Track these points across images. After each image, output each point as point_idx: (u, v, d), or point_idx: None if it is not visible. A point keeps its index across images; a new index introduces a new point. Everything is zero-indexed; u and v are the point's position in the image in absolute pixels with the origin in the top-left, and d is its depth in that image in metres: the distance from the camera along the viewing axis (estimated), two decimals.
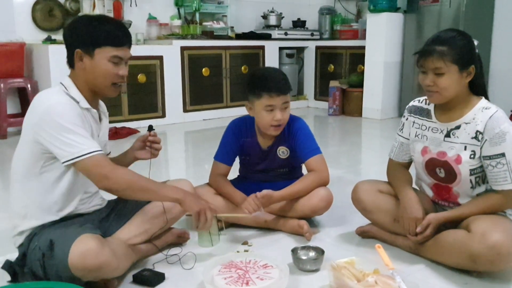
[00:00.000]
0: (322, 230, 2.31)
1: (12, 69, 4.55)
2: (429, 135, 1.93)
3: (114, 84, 1.75)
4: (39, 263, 1.58)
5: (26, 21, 4.91)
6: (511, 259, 1.72)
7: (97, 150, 1.62)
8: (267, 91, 2.15)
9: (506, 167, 1.74)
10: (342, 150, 4.37)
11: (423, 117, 1.98)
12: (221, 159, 2.35)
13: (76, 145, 1.58)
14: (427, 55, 1.79)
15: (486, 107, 1.82)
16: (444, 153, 1.88)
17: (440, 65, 1.76)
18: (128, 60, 1.78)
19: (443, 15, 5.26)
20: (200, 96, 5.65)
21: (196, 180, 2.45)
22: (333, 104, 6.03)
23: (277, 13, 6.49)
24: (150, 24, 5.61)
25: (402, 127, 2.07)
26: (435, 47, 1.78)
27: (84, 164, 1.60)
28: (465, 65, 1.78)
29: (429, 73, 1.80)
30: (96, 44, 1.68)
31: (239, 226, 2.31)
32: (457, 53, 1.76)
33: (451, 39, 1.79)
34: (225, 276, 1.71)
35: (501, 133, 1.74)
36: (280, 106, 2.17)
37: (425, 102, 2.00)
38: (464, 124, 1.83)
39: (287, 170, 2.40)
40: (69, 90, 1.71)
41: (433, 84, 1.79)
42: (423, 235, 1.87)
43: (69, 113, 1.61)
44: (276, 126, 2.20)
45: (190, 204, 1.77)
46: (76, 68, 1.73)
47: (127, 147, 2.04)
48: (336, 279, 1.69)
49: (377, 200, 2.08)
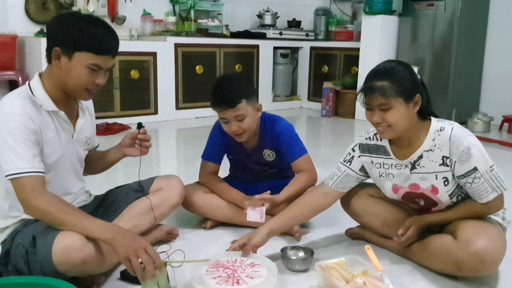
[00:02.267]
0: (312, 231, 2.31)
1: (3, 61, 4.50)
2: (395, 172, 1.88)
3: (88, 90, 1.65)
4: (23, 260, 1.56)
5: (19, 13, 4.86)
6: (495, 267, 1.73)
7: (24, 171, 1.51)
8: (214, 105, 2.13)
9: (482, 179, 1.70)
10: (334, 151, 4.37)
11: (381, 155, 1.90)
12: (209, 158, 2.33)
13: (9, 163, 1.52)
14: (369, 92, 1.71)
15: (440, 128, 1.76)
16: (417, 185, 1.84)
17: (385, 101, 1.69)
18: (109, 68, 1.68)
19: (438, 19, 5.29)
20: (193, 94, 5.63)
21: (187, 177, 2.44)
22: (326, 105, 6.04)
23: (273, 12, 6.49)
24: (144, 20, 5.57)
25: (350, 159, 1.96)
26: (375, 82, 1.70)
27: (13, 184, 1.53)
28: (410, 95, 1.71)
29: (375, 110, 1.73)
30: (76, 47, 1.57)
31: (228, 225, 2.30)
32: (399, 85, 1.69)
33: (390, 71, 1.71)
34: (214, 275, 1.70)
35: (466, 149, 1.69)
36: (233, 118, 2.11)
37: (377, 138, 1.91)
38: (425, 153, 1.78)
39: (277, 171, 2.39)
40: (34, 92, 1.63)
41: (381, 121, 1.73)
42: (407, 235, 1.86)
43: (15, 126, 1.53)
44: (237, 135, 2.16)
45: (119, 248, 1.50)
46: (52, 65, 1.64)
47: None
48: (325, 279, 1.68)
49: (366, 204, 2.07)
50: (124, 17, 5.36)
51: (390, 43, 5.64)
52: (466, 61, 5.31)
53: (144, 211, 1.96)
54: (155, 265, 1.51)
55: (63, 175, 1.74)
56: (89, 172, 2.00)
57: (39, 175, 1.56)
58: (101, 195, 2.04)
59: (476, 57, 5.48)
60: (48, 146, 1.65)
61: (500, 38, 5.37)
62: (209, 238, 2.21)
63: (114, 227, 1.60)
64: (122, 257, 1.50)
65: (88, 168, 1.96)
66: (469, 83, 5.44)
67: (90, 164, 1.96)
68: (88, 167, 1.96)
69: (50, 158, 1.66)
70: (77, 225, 1.53)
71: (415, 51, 5.55)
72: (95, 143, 2.00)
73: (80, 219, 1.55)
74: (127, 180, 2.16)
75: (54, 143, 1.67)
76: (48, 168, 1.65)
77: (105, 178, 2.08)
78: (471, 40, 5.33)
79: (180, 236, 2.18)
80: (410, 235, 1.86)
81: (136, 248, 1.50)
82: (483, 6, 5.40)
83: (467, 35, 5.25)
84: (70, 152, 1.76)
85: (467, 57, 5.33)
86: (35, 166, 1.55)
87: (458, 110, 5.32)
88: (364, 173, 1.98)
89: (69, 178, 1.79)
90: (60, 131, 1.70)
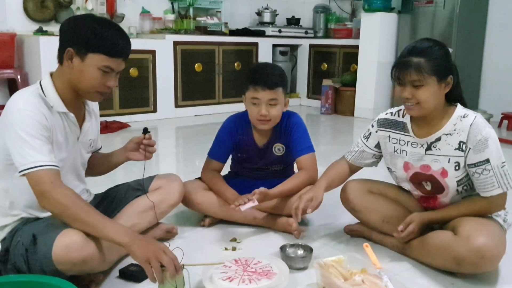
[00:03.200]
0: (311, 228, 2.31)
1: (2, 59, 4.49)
2: (409, 150, 1.90)
3: (99, 92, 1.67)
4: (23, 259, 1.55)
5: (18, 11, 4.85)
6: (494, 263, 1.73)
7: (42, 165, 1.52)
8: (253, 83, 2.14)
9: (492, 172, 1.72)
10: (334, 149, 4.38)
11: (399, 131, 1.92)
12: (215, 157, 2.33)
13: (25, 157, 1.52)
14: (404, 68, 1.73)
15: (464, 115, 1.78)
16: (428, 166, 1.86)
17: (418, 77, 1.71)
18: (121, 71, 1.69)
19: (437, 16, 5.28)
20: (192, 92, 5.63)
21: (186, 175, 2.44)
22: (326, 102, 6.03)
23: (272, 10, 6.48)
24: (143, 18, 5.57)
25: (368, 135, 2.03)
26: (412, 58, 1.72)
27: (29, 178, 1.53)
28: (443, 75, 1.74)
29: (407, 85, 1.75)
30: (90, 48, 1.59)
31: (228, 223, 2.30)
32: (435, 64, 1.72)
33: (428, 49, 1.74)
34: (223, 277, 1.67)
35: (483, 139, 1.72)
36: (266, 101, 2.13)
37: (398, 114, 1.94)
38: (444, 136, 1.80)
39: (281, 168, 2.40)
40: (46, 92, 1.64)
41: (411, 97, 1.75)
42: (407, 231, 1.87)
43: (29, 122, 1.54)
44: (263, 120, 2.18)
45: (137, 251, 1.49)
46: (63, 66, 1.65)
47: (118, 141, 2.03)
48: (324, 277, 1.68)
49: (366, 200, 2.08)
50: (123, 15, 5.35)
51: (389, 40, 5.63)
52: (465, 58, 5.31)
53: (143, 209, 1.96)
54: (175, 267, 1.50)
55: (64, 176, 1.73)
56: (91, 174, 2.01)
57: (57, 168, 1.56)
58: (100, 193, 2.05)
59: (475, 54, 5.47)
60: (57, 147, 1.65)
61: (499, 35, 5.36)
62: (208, 236, 2.21)
63: (131, 231, 1.59)
64: (142, 260, 1.47)
65: (90, 170, 1.97)
66: (468, 80, 5.43)
67: (93, 166, 1.97)
68: (91, 169, 1.97)
69: (56, 159, 1.66)
70: (96, 225, 1.53)
71: None
72: (99, 145, 2.00)
73: (99, 220, 1.54)
74: (127, 179, 2.16)
75: (61, 144, 1.67)
76: None
77: (104, 176, 2.08)
78: (470, 37, 5.32)
79: (179, 234, 2.18)
80: (410, 231, 1.87)
81: (155, 251, 1.48)
82: (483, 3, 5.40)
83: (466, 32, 5.25)
84: (74, 154, 1.77)
85: (467, 54, 5.32)
86: (52, 160, 1.56)
87: None
88: (379, 149, 2.03)
89: (71, 179, 1.79)
90: (68, 133, 1.71)
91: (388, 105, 5.80)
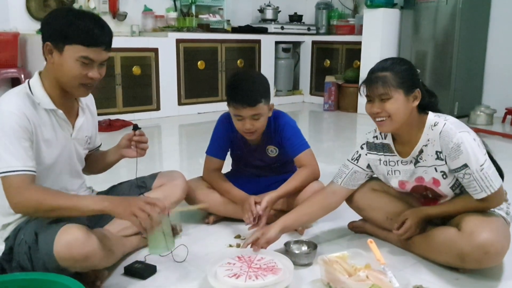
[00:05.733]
0: (314, 225, 2.31)
1: (5, 59, 4.50)
2: (401, 168, 1.91)
3: (83, 85, 1.63)
4: (26, 256, 1.56)
5: (21, 10, 4.86)
6: (498, 259, 1.73)
7: (14, 170, 1.51)
8: (234, 101, 2.09)
9: (472, 177, 1.71)
10: (337, 146, 4.37)
11: (386, 153, 1.94)
12: (214, 154, 2.33)
13: (1, 160, 1.51)
14: (371, 83, 1.78)
15: (434, 123, 1.78)
16: (422, 178, 1.87)
17: (385, 90, 1.74)
18: (105, 62, 1.65)
19: (440, 12, 5.26)
20: (195, 89, 5.63)
21: (190, 173, 2.44)
22: (329, 99, 6.03)
23: (274, 7, 6.47)
24: (145, 16, 5.57)
25: (357, 157, 2.00)
26: (377, 74, 1.77)
27: (2, 181, 1.53)
28: (409, 88, 1.77)
29: (375, 100, 1.78)
30: (66, 40, 1.56)
31: (231, 220, 2.31)
32: (400, 77, 1.75)
33: (392, 65, 1.78)
34: (229, 274, 1.67)
35: (455, 146, 1.71)
36: (249, 116, 2.09)
37: (382, 136, 1.95)
38: (424, 147, 1.82)
39: (279, 165, 2.39)
40: (33, 90, 1.63)
41: (381, 111, 1.76)
42: (404, 227, 1.87)
43: (8, 125, 1.52)
44: (248, 133, 2.15)
45: (119, 209, 1.54)
46: (47, 62, 1.65)
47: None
48: (328, 273, 1.69)
49: (369, 198, 2.07)
50: (125, 13, 5.36)
51: (392, 36, 5.62)
52: (468, 54, 5.29)
53: None
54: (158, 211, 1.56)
55: (60, 173, 1.74)
56: (90, 172, 2.01)
57: (29, 173, 1.55)
58: (104, 191, 2.05)
59: (478, 49, 5.45)
60: (45, 144, 1.64)
61: (502, 30, 5.34)
62: (212, 233, 2.22)
63: (107, 197, 1.64)
64: (127, 215, 1.53)
65: (89, 168, 1.97)
66: (471, 76, 5.42)
67: (91, 164, 1.97)
68: (89, 167, 1.97)
69: (47, 157, 1.66)
70: (72, 205, 1.55)
71: (417, 44, 5.53)
72: (97, 142, 2.00)
73: (73, 200, 1.58)
74: (130, 176, 2.16)
75: (50, 141, 1.66)
76: (46, 166, 1.66)
77: (107, 174, 2.09)
78: (473, 33, 5.30)
79: (184, 231, 2.18)
80: (407, 227, 1.87)
81: (137, 203, 1.55)
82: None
83: (469, 27, 5.23)
84: (69, 151, 1.76)
85: (469, 50, 5.31)
86: (27, 165, 1.54)
87: (460, 103, 5.30)
88: (371, 169, 2.01)
89: (67, 177, 1.79)
90: (57, 130, 1.70)
91: None
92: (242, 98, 2.07)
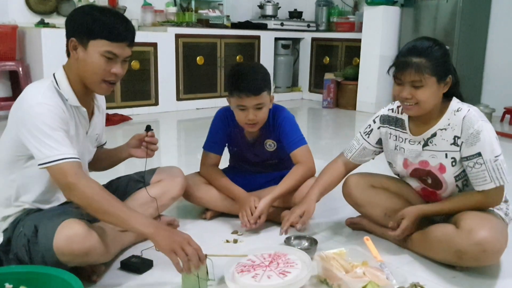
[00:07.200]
0: (312, 221, 2.31)
1: (3, 51, 4.49)
2: (406, 147, 1.90)
3: (105, 82, 1.66)
4: (25, 249, 1.56)
5: (19, 3, 4.85)
6: (496, 257, 1.73)
7: (67, 157, 1.52)
8: (237, 91, 2.08)
9: (484, 166, 1.70)
10: (335, 143, 4.37)
11: (398, 127, 1.93)
12: (211, 149, 2.32)
13: (48, 150, 1.52)
14: (403, 67, 1.71)
15: (458, 109, 1.77)
16: (426, 162, 1.85)
17: (419, 78, 1.69)
18: (127, 58, 1.69)
19: (440, 10, 5.25)
20: (194, 85, 5.62)
21: (188, 168, 2.44)
22: (328, 96, 6.02)
23: (274, 3, 6.46)
24: (145, 10, 5.55)
25: (369, 131, 2.00)
26: (412, 58, 1.70)
27: (52, 170, 1.53)
28: (443, 76, 1.73)
29: (406, 85, 1.73)
30: (91, 35, 1.59)
31: (228, 216, 2.30)
32: (435, 64, 1.70)
33: (428, 49, 1.71)
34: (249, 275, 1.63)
35: (475, 132, 1.70)
36: (252, 106, 2.09)
37: (398, 111, 1.94)
38: (439, 131, 1.80)
39: (276, 161, 2.39)
40: (60, 85, 1.64)
41: (411, 97, 1.73)
42: (401, 228, 1.87)
43: (49, 116, 1.54)
44: (250, 124, 2.14)
45: (162, 242, 1.51)
46: (70, 58, 1.66)
47: (119, 134, 2.03)
48: (325, 270, 1.69)
49: (368, 194, 2.07)
50: (125, 8, 5.34)
51: (392, 34, 5.61)
52: (468, 52, 5.29)
53: (145, 202, 1.96)
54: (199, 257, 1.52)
55: None
56: (95, 169, 2.01)
57: (79, 161, 1.57)
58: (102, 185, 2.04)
59: (478, 48, 5.45)
60: (70, 140, 1.64)
61: (502, 29, 5.34)
62: (210, 229, 2.21)
63: (155, 222, 1.60)
64: (167, 250, 1.50)
65: (94, 165, 1.97)
66: (471, 74, 5.42)
67: (97, 161, 1.97)
68: (95, 164, 1.97)
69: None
70: (121, 216, 1.53)
71: None
72: (103, 140, 2.01)
73: (124, 211, 1.55)
74: (129, 171, 2.16)
75: (73, 138, 1.66)
76: None
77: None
78: (473, 32, 5.30)
79: (181, 226, 2.18)
80: (403, 229, 1.87)
81: (180, 241, 1.51)
82: None
83: (469, 26, 5.22)
84: (83, 148, 1.77)
85: (469, 49, 5.30)
86: (75, 152, 1.56)
87: None
88: (380, 145, 2.02)
89: None
90: (79, 127, 1.71)
91: (390, 99, 5.75)
92: (247, 87, 2.06)
